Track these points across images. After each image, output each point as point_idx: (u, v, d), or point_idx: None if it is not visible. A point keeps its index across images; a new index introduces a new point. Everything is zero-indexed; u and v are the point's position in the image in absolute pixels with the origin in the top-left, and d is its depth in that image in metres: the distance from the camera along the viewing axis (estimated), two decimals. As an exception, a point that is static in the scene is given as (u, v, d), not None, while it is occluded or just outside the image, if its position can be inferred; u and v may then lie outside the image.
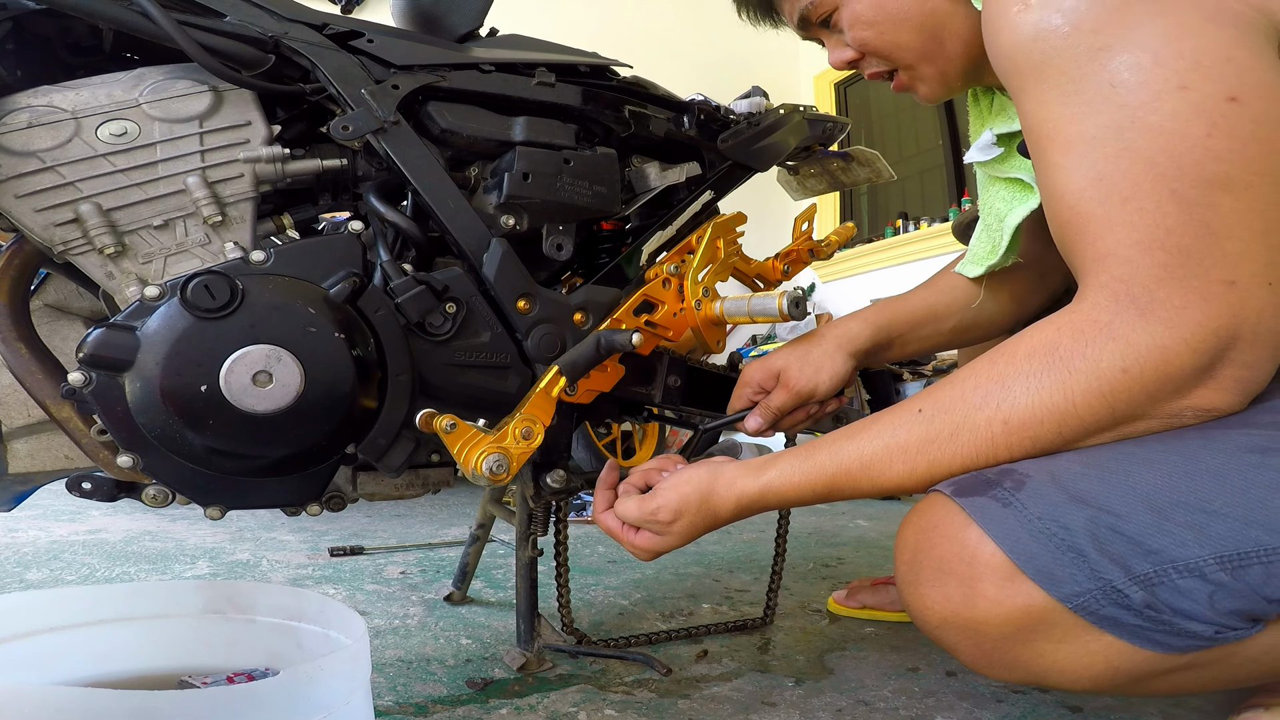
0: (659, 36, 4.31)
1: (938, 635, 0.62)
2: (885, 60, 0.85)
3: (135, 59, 0.81)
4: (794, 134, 1.08)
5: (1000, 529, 0.56)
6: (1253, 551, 0.52)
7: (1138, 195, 0.55)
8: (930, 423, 0.61)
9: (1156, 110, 0.55)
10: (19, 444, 0.78)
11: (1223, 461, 0.54)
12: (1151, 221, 0.54)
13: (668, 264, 0.93)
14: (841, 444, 0.66)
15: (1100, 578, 0.54)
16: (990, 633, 0.58)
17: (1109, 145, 0.56)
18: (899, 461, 0.63)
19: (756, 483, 0.69)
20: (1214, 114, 0.53)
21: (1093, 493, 0.55)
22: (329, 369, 0.69)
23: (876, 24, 0.81)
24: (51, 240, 0.69)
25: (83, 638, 0.74)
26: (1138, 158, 0.55)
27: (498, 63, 0.86)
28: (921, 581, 0.61)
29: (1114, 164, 0.56)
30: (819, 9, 0.85)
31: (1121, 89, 0.56)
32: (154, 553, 1.59)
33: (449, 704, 0.84)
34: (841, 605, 1.24)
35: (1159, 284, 0.54)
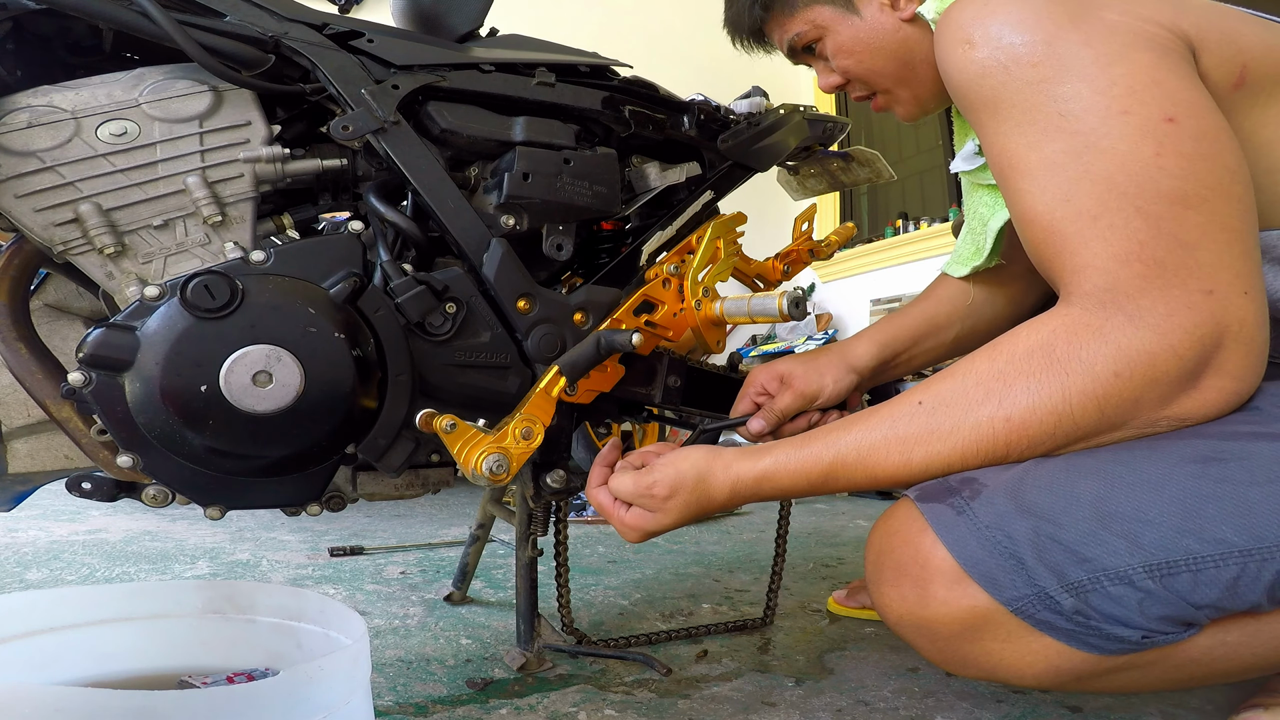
0: (659, 36, 4.31)
1: (898, 631, 0.65)
2: (866, 85, 0.91)
3: (135, 59, 0.81)
4: (794, 134, 1.08)
5: (952, 535, 0.60)
6: (1182, 560, 0.54)
7: (1106, 213, 0.57)
8: (931, 415, 0.62)
9: (1106, 134, 0.58)
10: (19, 444, 0.78)
11: (1164, 471, 0.56)
12: (1124, 236, 0.57)
13: (668, 264, 0.93)
14: (839, 434, 0.66)
15: (1035, 584, 0.57)
16: (942, 631, 0.61)
17: (1069, 169, 0.59)
18: (896, 453, 0.64)
19: (754, 468, 0.69)
20: (1158, 134, 0.57)
21: (1039, 503, 0.58)
22: (329, 369, 0.69)
23: (855, 53, 0.88)
24: (51, 240, 0.69)
25: (83, 638, 0.74)
26: (1099, 178, 0.58)
27: (498, 63, 0.86)
28: (883, 581, 0.65)
29: (1077, 185, 0.59)
30: (803, 39, 0.91)
31: (1070, 117, 0.60)
32: (154, 553, 1.59)
33: (449, 704, 0.84)
34: (841, 605, 1.24)
35: (1141, 293, 0.56)
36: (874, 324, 1.05)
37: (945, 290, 1.04)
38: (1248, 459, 0.55)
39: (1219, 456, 0.56)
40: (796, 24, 0.91)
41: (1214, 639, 0.58)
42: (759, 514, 2.36)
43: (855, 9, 0.87)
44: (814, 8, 0.89)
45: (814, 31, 0.90)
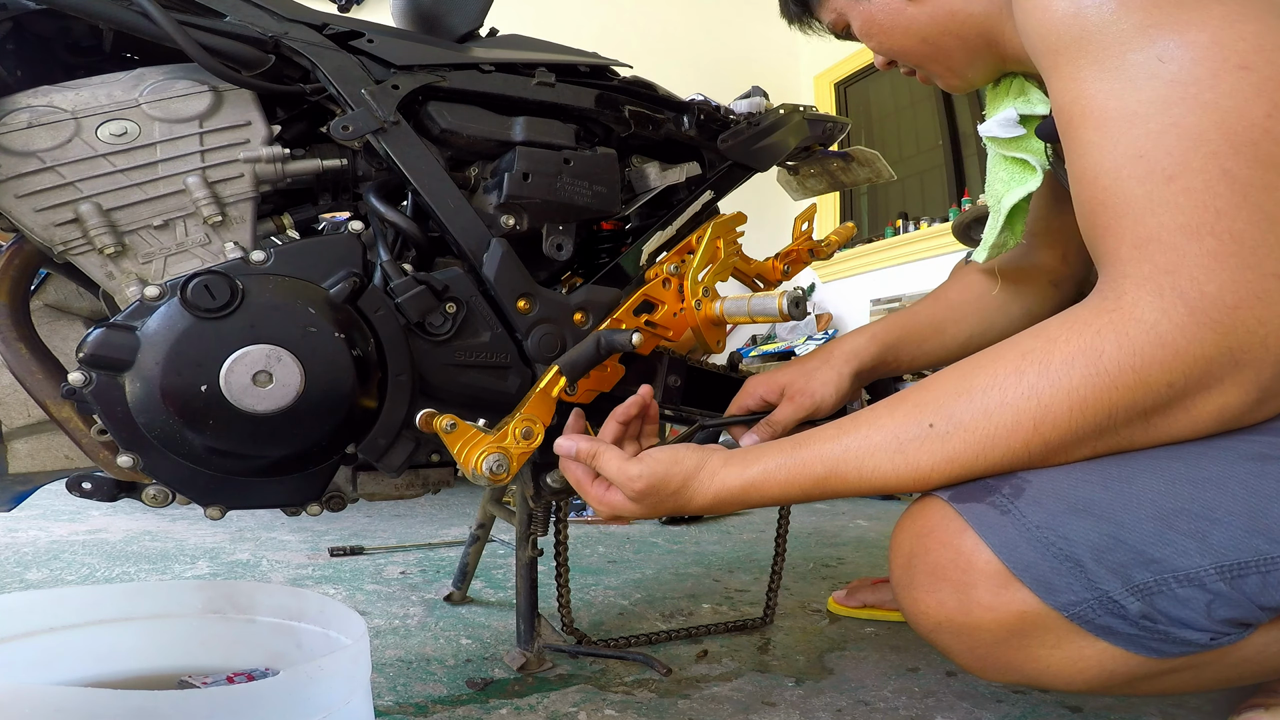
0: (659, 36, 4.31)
1: (932, 639, 0.62)
2: (904, 61, 0.90)
3: (135, 59, 0.81)
4: (794, 134, 1.08)
5: (997, 536, 0.56)
6: (1252, 561, 0.51)
7: (1185, 173, 0.50)
8: (946, 440, 0.58)
9: (1213, 87, 0.50)
10: (19, 444, 0.78)
11: (1224, 469, 0.53)
12: (1200, 203, 0.49)
13: (668, 264, 0.93)
14: (832, 445, 0.62)
15: (1097, 588, 0.53)
16: (984, 638, 0.57)
17: (1152, 121, 0.51)
18: (907, 476, 0.60)
19: (741, 477, 0.65)
20: (1277, 96, 0.49)
21: (1094, 501, 0.54)
22: (329, 369, 0.69)
23: (874, 35, 0.87)
24: (51, 240, 0.69)
25: (83, 638, 0.74)
26: (1186, 134, 0.50)
27: (498, 63, 0.86)
28: (916, 586, 0.60)
29: (1157, 140, 0.51)
30: (837, 25, 0.93)
31: (1171, 64, 0.51)
32: (154, 553, 1.59)
33: (449, 704, 0.84)
34: (841, 605, 1.24)
35: (1209, 277, 0.49)
36: (879, 320, 1.03)
37: (957, 296, 1.02)
38: None
39: (1276, 455, 0.52)
40: (826, 13, 0.93)
41: (1269, 636, 0.56)
42: (759, 514, 2.36)
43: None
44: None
45: (839, 18, 0.91)
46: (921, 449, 0.58)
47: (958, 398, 0.57)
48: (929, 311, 1.02)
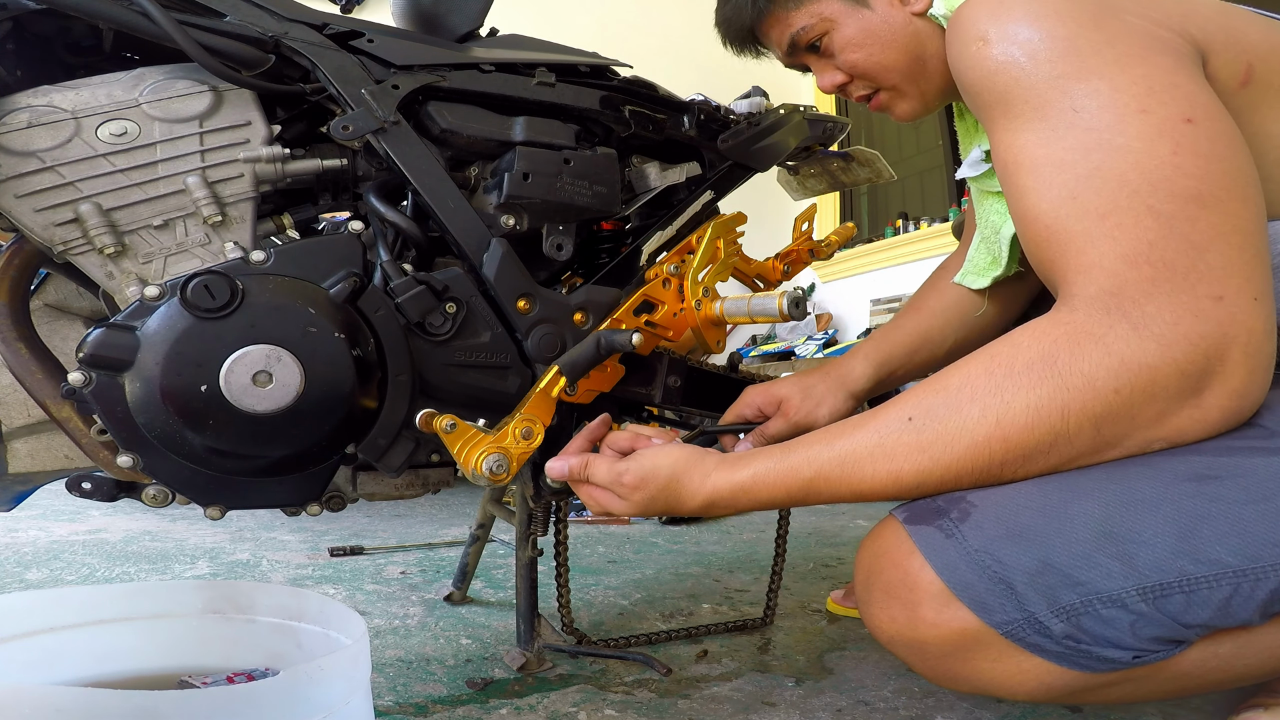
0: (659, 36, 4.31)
1: (890, 649, 0.65)
2: (871, 82, 0.89)
3: (135, 59, 0.81)
4: (794, 134, 1.08)
5: (941, 558, 0.59)
6: (1175, 582, 0.53)
7: (1115, 211, 0.55)
8: (920, 432, 0.59)
9: (1122, 132, 0.56)
10: (19, 444, 0.78)
11: (1159, 490, 0.55)
12: (1133, 236, 0.54)
13: (668, 264, 0.93)
14: (822, 446, 0.63)
15: (1025, 609, 0.56)
16: (932, 651, 0.61)
17: (1078, 166, 0.58)
18: (883, 467, 0.61)
19: (731, 480, 0.66)
20: (1175, 134, 0.55)
21: (1031, 527, 0.57)
22: (329, 369, 0.69)
23: (865, 46, 0.86)
24: (51, 240, 0.69)
25: (83, 638, 0.74)
26: (1109, 176, 0.56)
27: (498, 63, 0.86)
28: (872, 602, 0.64)
29: (1086, 183, 0.57)
30: (808, 33, 0.88)
31: (1084, 113, 0.58)
32: (154, 553, 1.59)
33: (449, 704, 0.84)
34: (840, 605, 1.24)
35: (1148, 298, 0.53)
36: (867, 340, 1.04)
37: (938, 303, 1.03)
38: (1243, 475, 0.54)
39: (1214, 474, 0.54)
40: (801, 18, 0.88)
41: (1206, 652, 0.58)
42: (759, 514, 2.36)
43: (865, 2, 0.86)
44: (822, 1, 0.87)
45: (821, 25, 0.88)
46: (899, 442, 0.60)
47: (935, 394, 0.60)
48: (914, 323, 1.03)
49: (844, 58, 0.88)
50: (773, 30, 0.92)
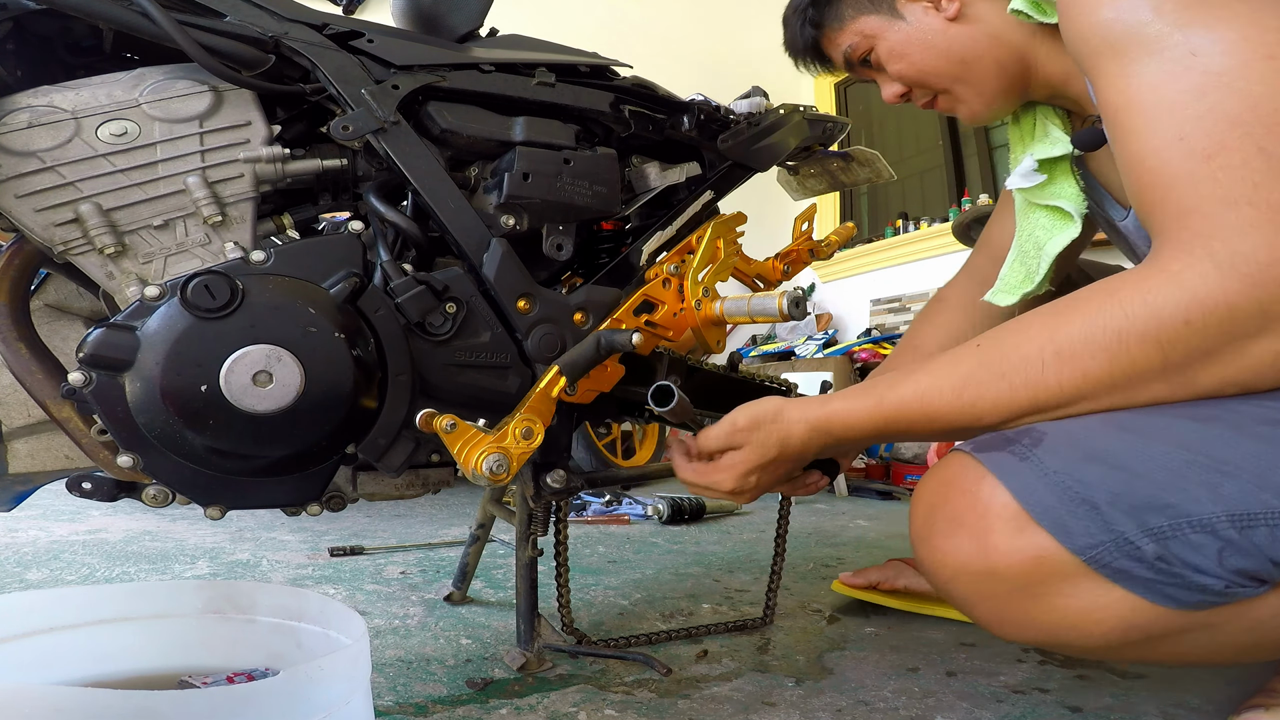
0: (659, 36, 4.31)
1: (950, 588, 0.62)
2: (923, 88, 0.94)
3: (135, 59, 0.81)
4: (794, 134, 1.08)
5: (1016, 481, 0.57)
6: (1261, 514, 0.53)
7: (1223, 152, 0.54)
8: (983, 354, 0.62)
9: (1243, 75, 0.54)
10: (19, 444, 0.78)
11: (1234, 431, 0.55)
12: (1238, 177, 0.53)
13: (668, 264, 0.93)
14: (902, 381, 0.66)
15: (1113, 530, 0.54)
16: (1002, 585, 0.58)
17: (1190, 107, 0.56)
18: (950, 394, 0.62)
19: (822, 410, 0.70)
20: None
21: (1110, 450, 0.56)
22: (329, 369, 0.69)
23: (906, 55, 0.91)
24: (51, 240, 0.69)
25: (83, 638, 0.74)
26: (1222, 117, 0.54)
27: (498, 63, 0.86)
28: (936, 534, 0.61)
29: (1197, 124, 0.55)
30: (857, 50, 0.95)
31: (1204, 56, 0.56)
32: (154, 553, 1.59)
33: (449, 704, 0.84)
34: (848, 584, 1.26)
35: (1242, 238, 0.52)
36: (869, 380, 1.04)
37: (935, 337, 1.03)
38: None
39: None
40: (847, 36, 0.95)
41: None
42: (759, 514, 2.36)
43: (899, 14, 0.91)
44: (860, 19, 0.93)
45: (864, 42, 0.94)
46: (971, 385, 0.62)
47: (1003, 329, 0.62)
48: (917, 356, 1.03)
49: (891, 67, 0.93)
50: (829, 51, 0.99)
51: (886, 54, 0.92)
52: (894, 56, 0.92)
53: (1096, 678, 0.94)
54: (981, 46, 0.87)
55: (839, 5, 0.95)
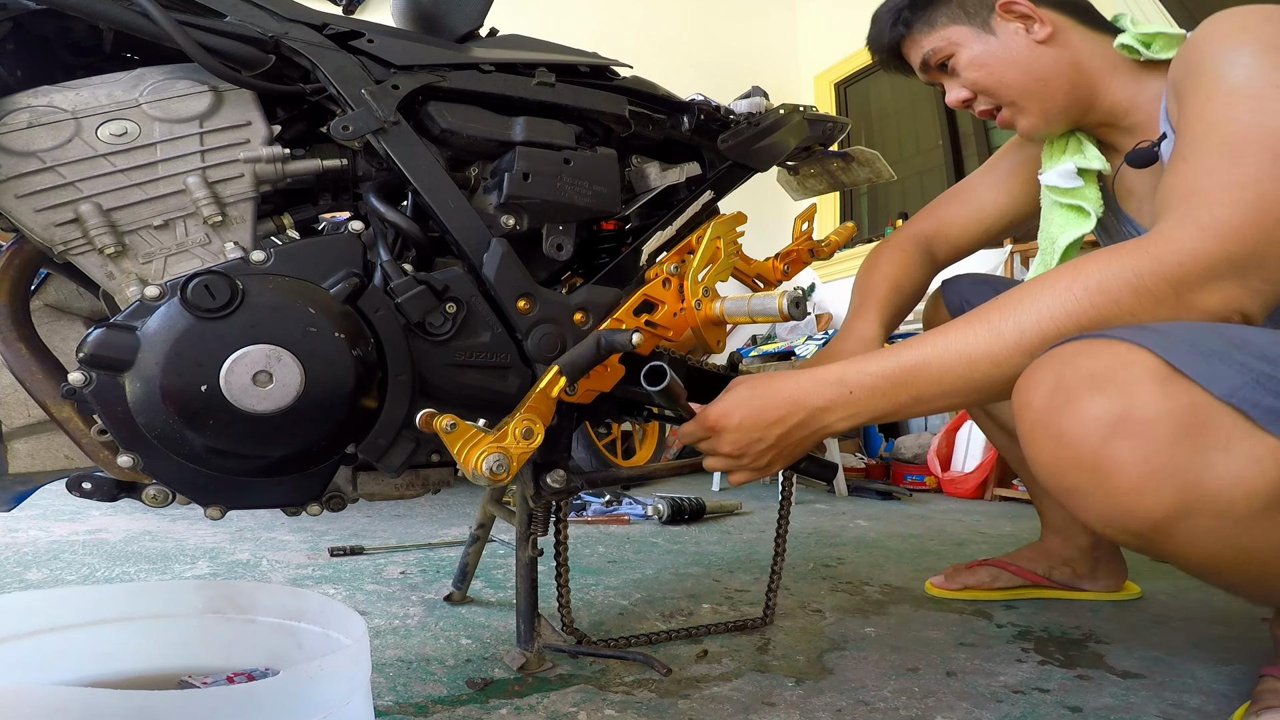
0: (659, 36, 4.31)
1: (1100, 455, 0.59)
2: (992, 98, 1.01)
3: (135, 59, 0.81)
4: (794, 134, 1.08)
5: (1150, 340, 0.59)
6: None
7: (1245, 154, 0.66)
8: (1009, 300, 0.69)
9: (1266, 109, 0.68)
10: (19, 444, 0.78)
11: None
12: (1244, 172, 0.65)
13: (668, 264, 0.93)
14: (913, 349, 0.72)
15: (1251, 369, 0.57)
16: (1158, 436, 0.56)
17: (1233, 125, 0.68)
18: (984, 332, 0.69)
19: (839, 369, 0.76)
20: None
21: (1219, 329, 0.61)
22: (329, 369, 0.69)
23: (986, 65, 0.99)
24: (52, 240, 0.69)
25: (83, 638, 0.74)
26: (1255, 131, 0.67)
27: (498, 63, 0.86)
28: (1075, 400, 0.60)
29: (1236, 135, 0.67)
30: (938, 55, 1.03)
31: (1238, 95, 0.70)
32: (154, 553, 1.59)
33: (449, 704, 0.84)
34: (942, 589, 1.33)
35: (1224, 210, 0.64)
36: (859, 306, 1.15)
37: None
38: None
39: None
40: (932, 40, 1.02)
41: None
42: (759, 514, 2.36)
43: (990, 29, 0.99)
44: (951, 26, 1.01)
45: (948, 48, 1.01)
46: (993, 346, 0.69)
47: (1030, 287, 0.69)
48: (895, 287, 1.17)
49: (967, 76, 1.01)
50: (910, 51, 1.06)
51: (967, 62, 1.00)
52: (974, 65, 0.99)
53: (1097, 678, 0.94)
54: (1062, 70, 0.96)
55: (933, 11, 1.02)
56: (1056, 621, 1.19)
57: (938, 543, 1.91)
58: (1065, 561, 1.32)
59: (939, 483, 3.09)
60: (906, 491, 3.01)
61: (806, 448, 0.81)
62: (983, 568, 1.35)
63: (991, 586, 1.33)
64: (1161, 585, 1.42)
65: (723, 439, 0.79)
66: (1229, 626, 1.17)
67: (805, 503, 2.64)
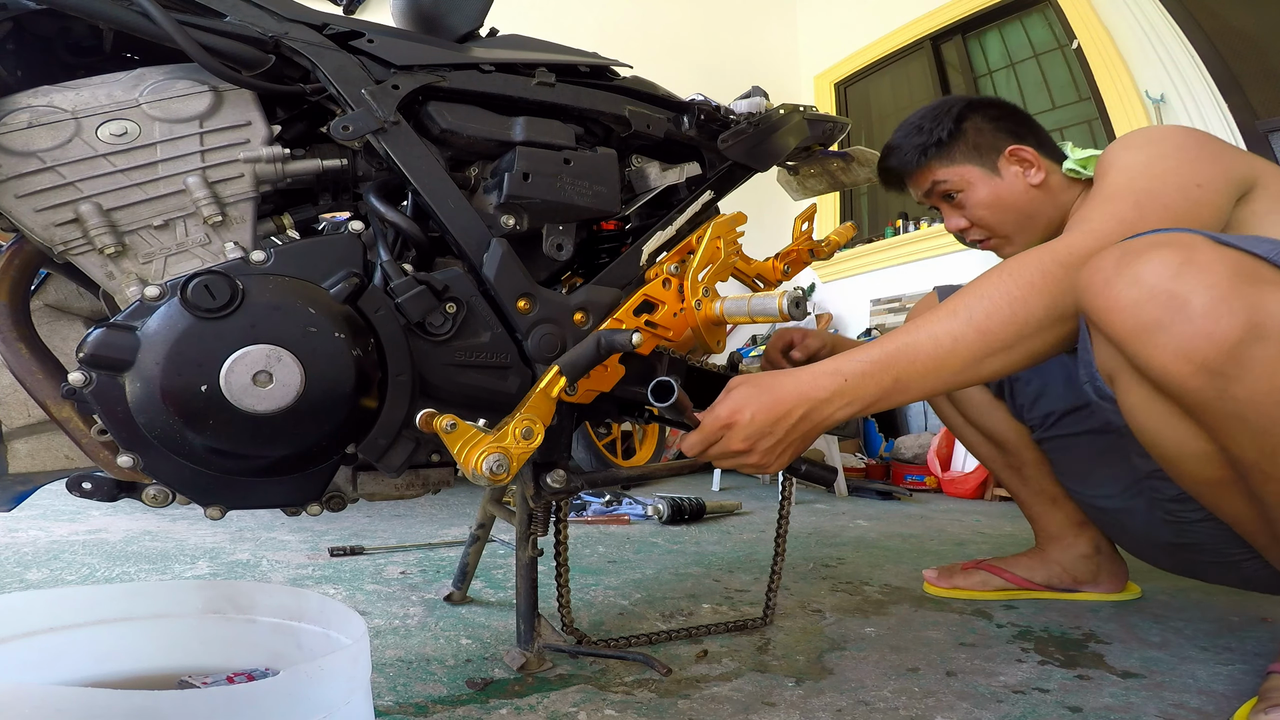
0: (659, 36, 4.31)
1: (1172, 288, 0.66)
2: (989, 231, 1.17)
3: (135, 59, 0.81)
4: (794, 134, 1.08)
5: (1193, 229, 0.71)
6: None
7: (1119, 198, 0.88)
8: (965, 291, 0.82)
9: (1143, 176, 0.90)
10: (19, 444, 0.78)
11: None
12: (1118, 208, 0.86)
13: (668, 264, 0.93)
14: (896, 338, 0.82)
15: (1276, 245, 0.67)
16: (1221, 274, 0.65)
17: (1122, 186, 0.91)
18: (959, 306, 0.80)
19: (830, 365, 0.81)
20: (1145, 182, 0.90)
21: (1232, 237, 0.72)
22: (329, 369, 0.69)
23: (991, 206, 1.14)
24: (52, 240, 0.69)
25: (83, 638, 0.74)
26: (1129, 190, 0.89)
27: (498, 63, 0.86)
28: (1143, 254, 0.69)
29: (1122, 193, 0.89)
30: (948, 187, 1.16)
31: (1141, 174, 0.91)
32: (154, 553, 1.59)
33: (449, 704, 0.84)
34: (934, 585, 1.37)
35: (1101, 223, 0.84)
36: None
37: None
38: None
39: None
40: (948, 174, 1.16)
41: None
42: (759, 514, 2.36)
43: (997, 171, 1.14)
44: (965, 165, 1.15)
45: (960, 183, 1.15)
46: (941, 324, 0.80)
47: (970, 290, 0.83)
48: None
49: (973, 211, 1.16)
50: (921, 178, 1.19)
51: (974, 200, 1.15)
52: (980, 204, 1.14)
53: (1096, 678, 0.94)
54: (1046, 207, 1.14)
55: (953, 149, 1.15)
56: (1056, 621, 1.19)
57: (938, 543, 1.91)
58: (1066, 569, 1.32)
59: (939, 483, 3.09)
60: (906, 492, 3.01)
61: (810, 440, 0.85)
62: (977, 571, 1.36)
63: (979, 589, 1.34)
64: (1161, 585, 1.42)
65: (734, 433, 0.81)
66: (1229, 626, 1.16)
67: (805, 503, 2.64)
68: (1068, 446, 1.22)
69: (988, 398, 1.32)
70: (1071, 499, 1.29)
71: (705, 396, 1.00)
